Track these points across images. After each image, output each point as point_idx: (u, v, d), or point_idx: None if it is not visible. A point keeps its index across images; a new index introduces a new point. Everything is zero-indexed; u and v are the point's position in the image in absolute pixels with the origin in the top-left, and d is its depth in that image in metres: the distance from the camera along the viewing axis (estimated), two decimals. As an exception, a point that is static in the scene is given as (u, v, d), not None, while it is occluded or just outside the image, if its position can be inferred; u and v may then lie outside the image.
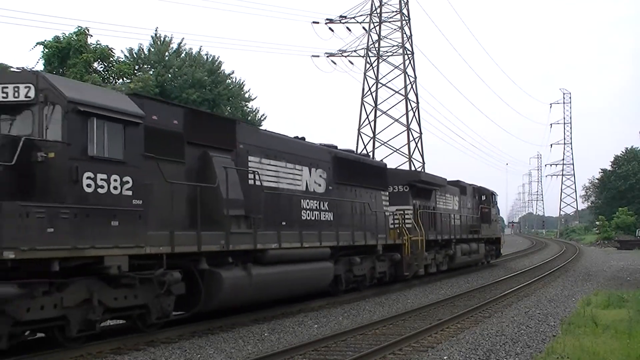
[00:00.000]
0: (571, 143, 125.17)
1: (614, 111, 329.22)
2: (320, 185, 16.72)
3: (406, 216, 21.77)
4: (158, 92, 31.02)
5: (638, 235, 61.62)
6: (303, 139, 17.30)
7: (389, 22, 50.28)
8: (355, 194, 18.51)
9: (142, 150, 10.64)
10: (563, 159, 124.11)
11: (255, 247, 13.23)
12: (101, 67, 30.69)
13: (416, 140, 48.69)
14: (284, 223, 14.54)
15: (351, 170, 18.46)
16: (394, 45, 50.07)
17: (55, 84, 9.68)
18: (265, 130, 16.01)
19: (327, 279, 16.40)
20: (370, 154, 46.79)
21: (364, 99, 49.59)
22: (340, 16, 49.90)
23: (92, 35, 29.63)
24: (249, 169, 13.74)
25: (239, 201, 13.01)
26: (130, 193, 10.19)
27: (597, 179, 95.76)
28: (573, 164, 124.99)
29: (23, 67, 19.25)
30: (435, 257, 24.46)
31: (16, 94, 9.60)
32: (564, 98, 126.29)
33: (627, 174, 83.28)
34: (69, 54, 28.37)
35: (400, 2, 49.76)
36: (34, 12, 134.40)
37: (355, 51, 50.53)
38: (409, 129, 48.21)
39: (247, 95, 38.49)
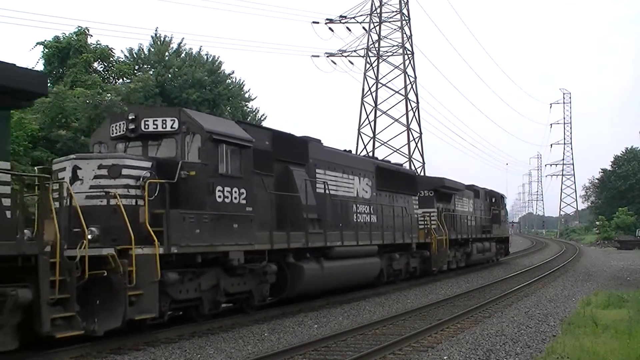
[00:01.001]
0: (571, 143, 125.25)
1: (614, 111, 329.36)
2: (367, 192, 19.45)
3: (432, 218, 24.41)
4: (158, 92, 31.01)
5: (638, 235, 61.59)
6: (349, 151, 20.69)
7: (389, 22, 50.34)
8: (393, 199, 21.27)
9: (252, 168, 13.28)
10: (563, 159, 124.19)
11: (325, 245, 16.09)
12: (101, 67, 30.66)
13: (416, 140, 48.76)
14: (341, 224, 17.19)
15: (390, 179, 21.23)
16: (394, 45, 50.16)
17: (195, 118, 12.28)
18: (326, 146, 18.33)
19: (376, 271, 19.33)
20: (371, 153, 46.89)
21: (364, 99, 49.66)
22: (340, 16, 49.95)
23: (92, 35, 29.61)
24: (317, 179, 16.50)
25: (313, 207, 15.79)
26: (245, 202, 12.83)
27: (597, 179, 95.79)
28: (573, 164, 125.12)
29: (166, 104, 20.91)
30: (455, 255, 27.04)
31: (164, 125, 12.14)
32: (564, 98, 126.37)
33: (627, 174, 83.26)
34: (69, 54, 28.34)
35: (400, 2, 49.81)
36: (34, 12, 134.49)
37: (355, 51, 50.62)
38: (409, 129, 48.24)
39: (247, 95, 38.49)
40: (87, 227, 9.89)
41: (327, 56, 50.68)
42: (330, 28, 49.88)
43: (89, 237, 9.92)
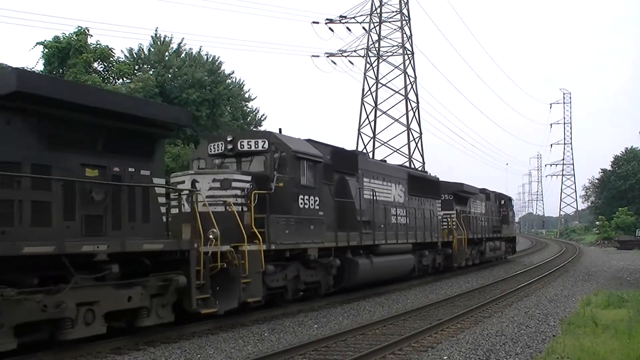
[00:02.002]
0: (571, 143, 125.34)
1: (614, 111, 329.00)
2: (401, 197, 21.96)
3: (452, 219, 27.06)
4: (158, 92, 30.98)
5: (638, 235, 61.57)
6: (384, 161, 23.90)
7: (389, 22, 50.33)
8: (422, 203, 23.87)
9: (322, 179, 16.04)
10: (563, 159, 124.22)
11: (374, 243, 18.80)
12: (101, 67, 30.59)
13: (416, 140, 48.76)
14: (382, 225, 19.71)
15: (418, 185, 23.77)
16: (394, 45, 50.16)
17: (282, 140, 14.90)
18: (370, 158, 22.15)
19: (410, 266, 22.13)
20: (370, 154, 46.94)
21: (364, 99, 49.66)
22: (340, 16, 49.95)
23: (92, 35, 29.49)
24: (365, 187, 18.93)
25: (364, 210, 18.46)
26: (318, 207, 15.64)
27: (597, 179, 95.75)
28: (573, 164, 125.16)
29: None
30: (471, 253, 29.70)
31: (256, 146, 14.82)
32: (564, 98, 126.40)
33: (627, 174, 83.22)
34: (68, 54, 28.28)
35: (400, 2, 49.80)
36: (34, 12, 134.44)
37: (355, 51, 50.62)
38: (409, 129, 48.24)
39: (247, 95, 38.46)
40: (209, 229, 12.00)
41: (327, 56, 50.72)
42: (330, 28, 49.92)
43: (210, 236, 11.98)
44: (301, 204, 14.93)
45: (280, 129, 15.94)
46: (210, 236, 11.98)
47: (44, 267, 9.10)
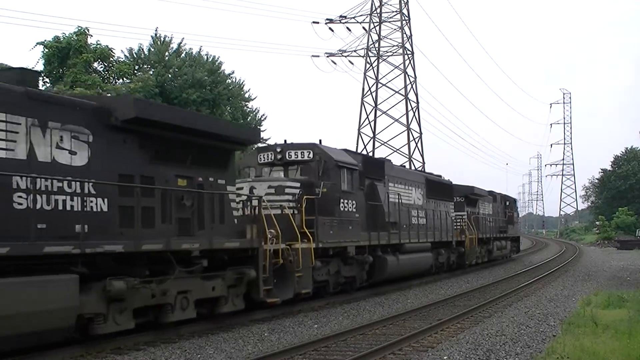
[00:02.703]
0: (571, 143, 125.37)
1: (614, 111, 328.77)
2: (420, 199, 24.01)
3: (464, 220, 29.18)
4: (158, 92, 31.00)
5: (638, 235, 61.57)
6: (403, 166, 26.34)
7: (389, 22, 50.31)
8: (438, 205, 25.93)
9: (358, 185, 18.28)
10: (563, 159, 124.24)
11: (400, 242, 20.72)
12: (101, 67, 30.61)
13: (416, 140, 48.74)
14: (405, 226, 21.71)
15: (435, 188, 25.92)
16: (394, 45, 50.14)
17: (326, 151, 17.08)
18: (394, 164, 23.72)
19: (430, 263, 24.06)
20: (370, 153, 46.95)
21: (364, 99, 49.64)
22: (340, 16, 49.93)
23: (92, 35, 29.51)
24: (391, 190, 20.90)
25: (391, 212, 20.42)
26: (354, 210, 17.77)
27: (597, 179, 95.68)
28: (573, 164, 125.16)
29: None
30: (480, 251, 31.51)
31: (302, 155, 17.04)
32: (564, 98, 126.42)
33: (627, 174, 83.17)
34: (68, 54, 28.28)
35: (400, 2, 49.79)
36: (34, 12, 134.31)
37: (355, 51, 50.59)
38: (409, 129, 48.23)
39: (247, 96, 38.49)
40: (269, 229, 13.89)
41: (327, 56, 50.71)
42: (330, 28, 49.90)
43: (269, 235, 13.78)
44: (342, 207, 17.09)
45: (320, 140, 17.57)
46: (270, 236, 13.81)
47: (152, 261, 11.04)
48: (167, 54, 34.88)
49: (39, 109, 9.52)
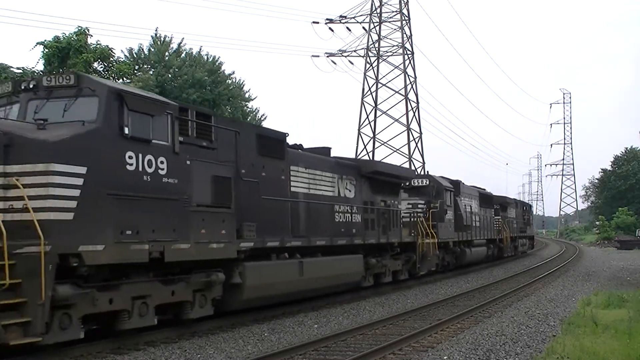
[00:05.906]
0: (571, 143, 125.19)
1: (614, 111, 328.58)
2: (477, 208, 31.92)
3: (500, 222, 36.92)
4: (158, 93, 30.96)
5: (638, 235, 61.59)
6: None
7: (389, 22, 50.26)
8: (486, 212, 33.77)
9: (451, 200, 26.77)
10: (563, 159, 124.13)
11: (471, 239, 29.72)
12: (101, 67, 30.55)
13: (416, 140, 48.72)
14: (472, 227, 30.30)
15: (483, 199, 33.60)
16: (394, 45, 50.09)
17: (437, 179, 26.19)
18: (466, 184, 31.56)
19: (485, 254, 32.74)
20: (371, 154, 46.95)
21: (364, 99, 49.61)
22: (340, 16, 49.87)
23: (92, 35, 29.46)
24: (463, 202, 29.04)
25: (465, 218, 28.63)
26: (452, 218, 26.18)
27: (597, 179, 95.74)
28: (573, 164, 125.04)
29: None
30: (511, 247, 39.82)
31: (422, 182, 25.93)
32: (564, 98, 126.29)
33: (627, 174, 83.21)
34: (69, 54, 28.25)
35: (400, 2, 49.74)
36: (34, 12, 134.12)
37: (355, 51, 50.53)
38: (409, 129, 48.23)
39: (247, 96, 38.51)
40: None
41: (327, 56, 50.65)
42: (330, 28, 49.81)
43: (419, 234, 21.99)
44: (447, 216, 25.65)
45: (427, 171, 23.71)
46: (419, 234, 22.10)
47: (373, 248, 19.12)
48: (167, 54, 34.90)
49: (339, 169, 17.59)
